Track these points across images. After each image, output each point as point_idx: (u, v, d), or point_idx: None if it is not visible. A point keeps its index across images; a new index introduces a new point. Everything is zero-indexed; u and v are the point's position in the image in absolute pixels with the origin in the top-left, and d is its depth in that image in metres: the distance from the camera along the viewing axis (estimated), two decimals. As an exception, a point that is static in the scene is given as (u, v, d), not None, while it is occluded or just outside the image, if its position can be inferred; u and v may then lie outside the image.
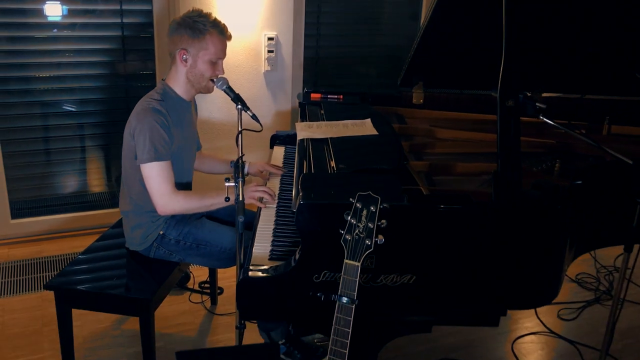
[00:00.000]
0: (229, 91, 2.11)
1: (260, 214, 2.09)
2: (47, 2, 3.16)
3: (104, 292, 2.08)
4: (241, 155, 1.88)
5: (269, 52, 3.63)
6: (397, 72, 2.68)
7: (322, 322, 1.61)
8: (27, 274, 3.07)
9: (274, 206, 2.12)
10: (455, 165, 2.16)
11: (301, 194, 1.62)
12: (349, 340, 1.46)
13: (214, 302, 2.86)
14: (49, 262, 3.20)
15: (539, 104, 1.93)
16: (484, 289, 1.68)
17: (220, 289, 2.93)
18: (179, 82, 2.18)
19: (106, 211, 3.57)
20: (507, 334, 2.74)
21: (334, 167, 1.90)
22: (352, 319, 1.46)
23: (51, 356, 2.43)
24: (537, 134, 2.52)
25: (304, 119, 2.67)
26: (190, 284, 2.97)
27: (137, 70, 3.48)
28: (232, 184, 1.85)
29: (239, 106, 2.06)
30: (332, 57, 4.03)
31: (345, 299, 1.46)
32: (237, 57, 3.59)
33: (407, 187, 1.81)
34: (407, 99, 2.77)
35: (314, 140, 2.19)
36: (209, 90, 2.20)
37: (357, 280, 1.45)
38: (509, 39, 1.69)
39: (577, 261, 2.02)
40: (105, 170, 3.63)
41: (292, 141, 2.77)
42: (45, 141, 3.40)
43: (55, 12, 3.20)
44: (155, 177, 2.09)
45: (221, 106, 3.62)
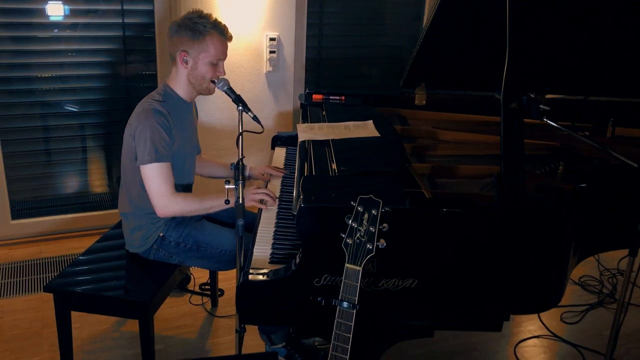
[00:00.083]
0: (230, 92, 2.10)
1: (260, 216, 2.07)
2: (48, 2, 3.14)
3: (103, 295, 2.06)
4: (241, 157, 1.86)
5: (271, 52, 3.61)
6: (400, 73, 2.66)
7: (323, 327, 1.59)
8: (27, 275, 3.06)
9: (275, 207, 2.11)
10: (457, 167, 2.14)
11: (302, 196, 1.60)
12: (349, 345, 1.45)
13: (214, 304, 2.85)
14: (49, 263, 3.19)
15: (543, 106, 1.90)
16: (486, 294, 1.66)
17: (220, 290, 2.92)
18: (180, 83, 2.16)
19: (107, 212, 3.56)
20: (509, 337, 2.72)
21: (335, 170, 1.88)
22: (353, 324, 1.44)
23: (50, 358, 2.42)
24: (540, 135, 2.50)
25: (306, 120, 2.65)
26: (190, 286, 2.96)
27: (139, 70, 3.46)
28: (232, 187, 1.84)
29: (240, 107, 2.04)
30: (335, 57, 4.01)
31: (346, 304, 1.44)
32: (238, 58, 3.57)
33: (409, 190, 1.79)
34: (409, 100, 2.75)
35: (315, 141, 2.18)
36: (209, 91, 2.19)
37: (358, 284, 1.43)
38: (513, 41, 1.67)
39: (580, 264, 2.00)
40: (106, 170, 3.62)
41: (293, 142, 2.76)
42: (45, 141, 3.39)
43: (56, 12, 3.19)
44: (155, 178, 2.07)
45: (222, 107, 3.61)
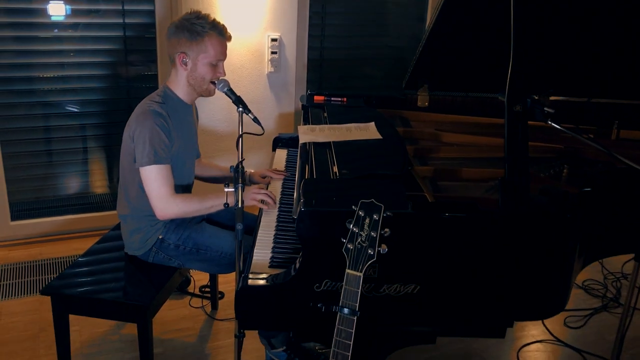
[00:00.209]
0: (230, 93, 2.07)
1: (261, 218, 2.05)
2: (49, 2, 3.13)
3: (101, 298, 2.04)
4: (241, 159, 1.83)
5: (273, 53, 3.59)
6: (402, 74, 2.64)
7: (324, 332, 1.56)
8: (27, 277, 3.04)
9: (276, 210, 2.08)
10: (460, 170, 2.12)
11: (302, 200, 1.58)
12: (350, 352, 1.42)
13: (214, 306, 2.82)
14: (48, 264, 3.17)
15: (547, 108, 1.88)
16: (489, 300, 1.64)
17: (221, 293, 2.90)
18: (180, 85, 2.14)
19: (107, 213, 3.54)
20: (512, 342, 2.69)
21: (336, 173, 1.85)
22: (353, 330, 1.41)
23: (48, 362, 2.41)
24: (544, 138, 2.47)
25: (307, 121, 2.63)
26: (190, 288, 2.93)
27: (139, 71, 3.44)
28: (232, 190, 1.81)
29: (240, 109, 2.02)
30: (337, 58, 3.99)
31: (346, 311, 1.41)
32: (239, 59, 3.55)
33: (411, 193, 1.77)
34: (412, 101, 2.73)
35: (316, 144, 2.15)
36: (210, 93, 2.16)
37: (359, 291, 1.41)
38: (518, 43, 1.64)
39: (584, 268, 1.98)
40: (106, 171, 3.61)
41: (294, 144, 2.73)
42: (45, 142, 3.37)
43: (57, 12, 3.17)
44: (154, 180, 2.05)
45: (223, 107, 3.59)
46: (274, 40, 3.57)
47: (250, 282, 1.62)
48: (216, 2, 3.37)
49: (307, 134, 2.26)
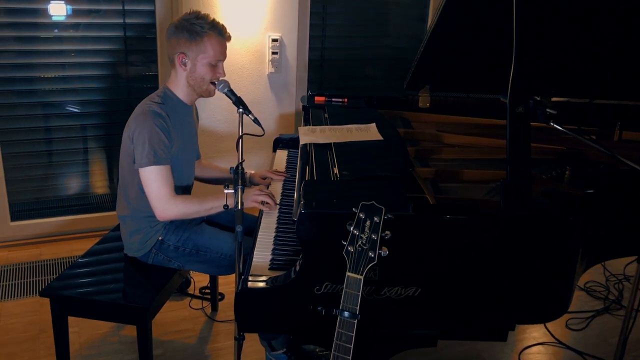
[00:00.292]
0: (230, 94, 2.06)
1: (261, 220, 2.04)
2: (50, 2, 3.11)
3: (100, 300, 2.03)
4: (241, 161, 1.82)
5: (273, 53, 3.58)
6: (404, 74, 2.62)
7: (324, 336, 1.55)
8: (26, 278, 3.03)
9: (276, 212, 2.07)
10: (462, 172, 2.10)
11: (302, 202, 1.56)
12: (350, 356, 1.41)
13: (214, 308, 2.81)
14: (48, 265, 3.16)
15: (549, 109, 1.87)
16: (491, 303, 1.62)
17: (221, 294, 2.88)
18: (179, 86, 2.13)
19: (107, 214, 3.53)
20: (514, 344, 2.67)
21: (337, 174, 1.84)
22: (354, 334, 1.40)
23: (47, 363, 2.40)
24: (546, 139, 2.46)
25: (308, 122, 2.62)
26: (190, 290, 2.92)
27: (140, 71, 3.43)
28: (232, 191, 1.80)
29: (240, 110, 2.01)
30: (338, 59, 3.98)
31: (347, 314, 1.40)
32: (240, 59, 3.54)
33: (412, 195, 1.75)
34: (413, 102, 2.71)
35: (317, 145, 2.14)
36: (210, 93, 2.15)
37: (360, 294, 1.39)
38: (520, 43, 1.63)
39: (586, 269, 1.96)
40: (106, 172, 3.60)
41: (295, 145, 2.72)
42: (45, 142, 3.36)
43: (57, 12, 3.16)
44: (154, 181, 2.04)
45: (224, 108, 3.58)
46: (274, 40, 3.56)
47: (250, 284, 1.61)
48: (217, 2, 3.36)
49: (308, 135, 2.24)
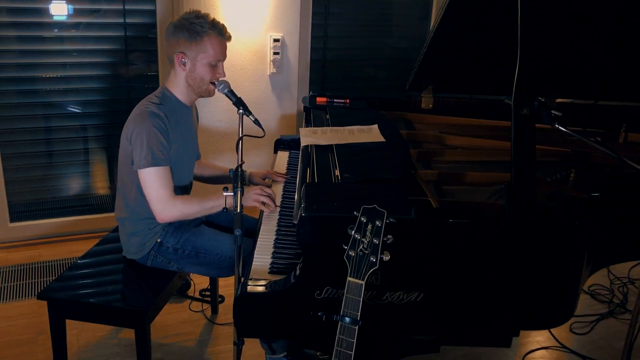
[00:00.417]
0: (231, 95, 2.04)
1: (261, 222, 2.01)
2: (50, 2, 3.09)
3: (98, 304, 2.00)
4: (241, 163, 1.79)
5: (275, 54, 3.55)
6: (406, 75, 2.59)
7: (324, 341, 1.53)
8: (25, 279, 3.00)
9: (276, 214, 2.04)
10: (465, 174, 2.07)
11: (303, 205, 1.54)
12: (351, 363, 1.38)
13: (214, 310, 2.78)
14: (47, 267, 3.13)
15: (554, 111, 1.84)
16: (495, 308, 1.59)
17: (221, 297, 2.86)
18: (178, 86, 2.10)
19: (107, 215, 3.51)
20: (517, 348, 2.64)
21: (338, 176, 1.81)
22: (355, 340, 1.37)
23: (45, 366, 2.37)
24: (550, 141, 2.43)
25: (309, 123, 2.59)
26: (190, 292, 2.89)
27: (140, 71, 3.41)
28: (231, 194, 1.77)
29: (241, 111, 1.98)
30: (340, 59, 3.95)
31: (348, 320, 1.37)
32: (241, 59, 3.51)
33: (414, 198, 1.73)
34: (415, 103, 2.69)
35: (318, 146, 2.11)
36: (210, 93, 2.13)
37: (361, 299, 1.36)
38: (525, 44, 1.60)
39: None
40: (106, 172, 3.57)
41: (296, 146, 2.69)
42: (45, 143, 3.34)
43: (58, 11, 3.14)
44: (152, 182, 2.01)
45: (224, 108, 3.55)
46: (276, 40, 3.53)
47: (249, 288, 1.58)
48: (218, 2, 3.33)
49: (309, 137, 2.22)
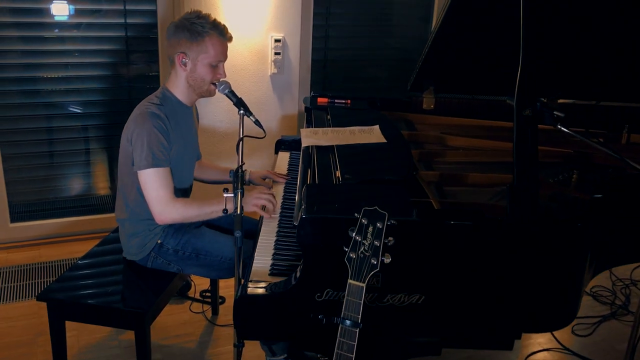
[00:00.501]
0: (231, 95, 2.03)
1: (262, 224, 2.00)
2: (51, 2, 3.08)
3: (97, 305, 1.99)
4: (241, 164, 1.78)
5: (276, 54, 3.54)
6: (408, 75, 2.58)
7: (325, 344, 1.52)
8: (25, 280, 3.00)
9: (277, 216, 2.03)
10: (467, 175, 2.06)
11: (303, 206, 1.53)
12: (352, 366, 1.37)
13: (215, 312, 2.77)
14: (47, 267, 3.12)
15: (557, 112, 1.83)
16: (496, 311, 1.58)
17: (222, 298, 2.85)
18: (179, 86, 2.09)
19: (108, 215, 3.49)
20: (518, 350, 2.63)
21: (339, 178, 1.80)
22: (355, 343, 1.36)
23: (44, 368, 2.36)
24: (552, 142, 2.41)
25: (310, 124, 2.58)
26: (191, 293, 2.88)
27: (141, 72, 3.40)
28: (231, 195, 1.76)
29: (241, 111, 1.97)
30: (341, 60, 3.94)
31: (348, 322, 1.36)
32: (242, 60, 3.50)
33: (416, 200, 1.72)
34: (417, 104, 2.67)
35: (319, 147, 2.10)
36: (210, 94, 2.12)
37: (362, 302, 1.35)
38: (527, 44, 1.59)
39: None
40: (107, 173, 3.56)
41: (297, 147, 2.68)
42: (46, 143, 3.33)
43: (58, 11, 3.13)
44: (152, 183, 2.00)
45: (225, 108, 3.54)
46: (277, 41, 3.52)
47: (249, 290, 1.57)
48: (219, 2, 3.32)
49: (310, 137, 2.21)
